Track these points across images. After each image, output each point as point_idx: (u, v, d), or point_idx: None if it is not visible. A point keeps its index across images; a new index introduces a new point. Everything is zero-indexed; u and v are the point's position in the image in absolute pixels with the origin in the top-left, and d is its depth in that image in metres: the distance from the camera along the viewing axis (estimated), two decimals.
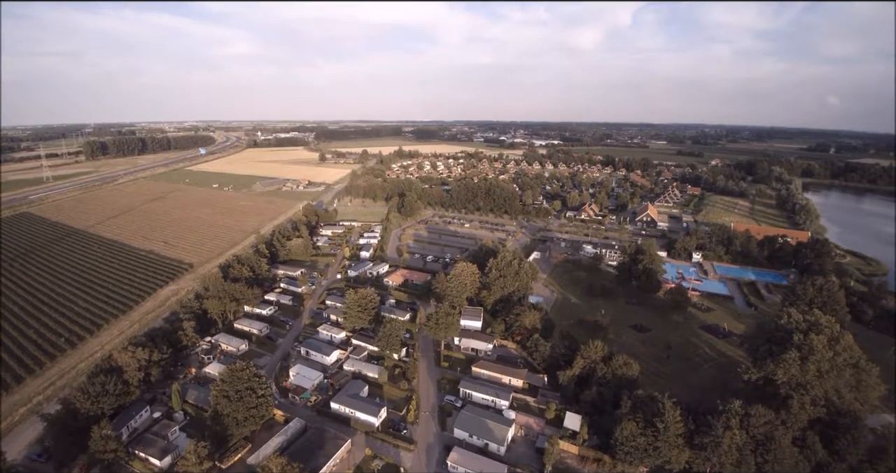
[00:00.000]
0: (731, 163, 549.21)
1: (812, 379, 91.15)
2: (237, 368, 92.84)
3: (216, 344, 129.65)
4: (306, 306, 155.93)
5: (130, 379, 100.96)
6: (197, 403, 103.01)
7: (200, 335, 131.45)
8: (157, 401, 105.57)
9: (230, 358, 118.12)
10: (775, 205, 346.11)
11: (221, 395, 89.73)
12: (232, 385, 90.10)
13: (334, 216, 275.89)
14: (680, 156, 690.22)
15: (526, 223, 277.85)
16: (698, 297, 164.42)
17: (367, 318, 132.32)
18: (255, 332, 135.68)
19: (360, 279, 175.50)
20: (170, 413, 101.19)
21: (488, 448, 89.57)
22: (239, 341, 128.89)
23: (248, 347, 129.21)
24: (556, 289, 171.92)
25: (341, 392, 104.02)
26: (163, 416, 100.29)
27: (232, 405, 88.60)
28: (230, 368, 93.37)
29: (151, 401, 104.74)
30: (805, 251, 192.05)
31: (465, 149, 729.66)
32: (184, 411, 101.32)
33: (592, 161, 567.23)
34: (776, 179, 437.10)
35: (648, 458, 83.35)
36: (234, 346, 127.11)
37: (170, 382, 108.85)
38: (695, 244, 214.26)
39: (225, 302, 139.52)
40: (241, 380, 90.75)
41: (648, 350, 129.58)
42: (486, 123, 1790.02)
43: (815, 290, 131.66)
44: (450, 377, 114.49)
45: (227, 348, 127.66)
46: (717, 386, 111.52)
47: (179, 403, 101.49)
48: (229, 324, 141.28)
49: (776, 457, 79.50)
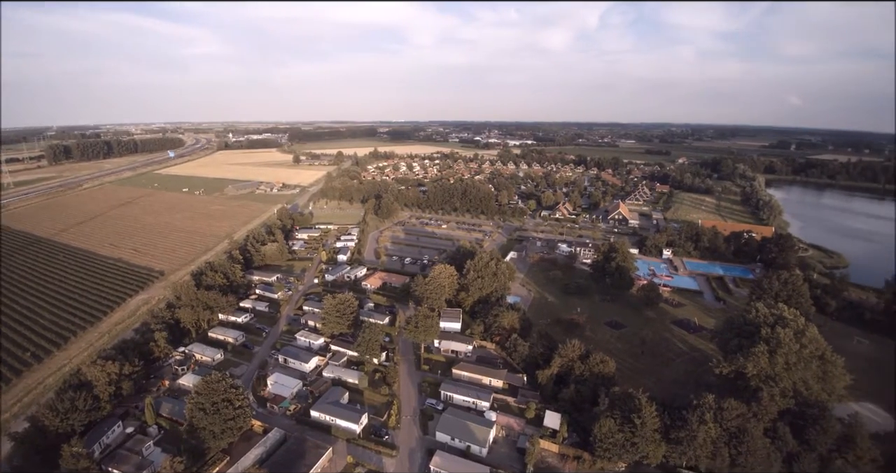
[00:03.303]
0: (698, 162, 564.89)
1: (780, 372, 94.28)
2: (213, 379, 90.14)
3: (190, 354, 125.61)
4: (283, 312, 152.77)
5: (101, 394, 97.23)
6: (171, 416, 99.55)
7: (173, 345, 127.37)
8: (130, 416, 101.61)
9: (205, 369, 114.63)
10: (740, 202, 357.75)
11: (197, 408, 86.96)
12: (207, 396, 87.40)
13: (310, 219, 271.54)
14: (648, 155, 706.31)
15: (502, 223, 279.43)
16: (669, 293, 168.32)
17: (345, 323, 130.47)
18: (231, 341, 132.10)
19: (337, 283, 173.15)
20: (143, 427, 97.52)
21: (470, 451, 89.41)
22: (214, 351, 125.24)
23: (224, 357, 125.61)
24: (533, 289, 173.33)
25: (321, 399, 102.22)
26: (136, 431, 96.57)
27: (208, 417, 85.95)
28: (205, 379, 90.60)
29: (124, 416, 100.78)
30: (769, 246, 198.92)
31: (440, 149, 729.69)
32: (158, 425, 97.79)
33: (565, 160, 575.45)
34: (740, 176, 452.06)
35: (627, 454, 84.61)
36: (209, 356, 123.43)
37: (142, 396, 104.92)
38: (665, 241, 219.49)
39: (198, 311, 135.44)
40: (217, 392, 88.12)
41: (623, 346, 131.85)
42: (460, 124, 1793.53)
43: (780, 284, 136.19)
44: (430, 380, 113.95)
45: (202, 358, 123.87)
46: (690, 380, 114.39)
47: (153, 417, 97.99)
48: (203, 334, 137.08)
49: (749, 449, 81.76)
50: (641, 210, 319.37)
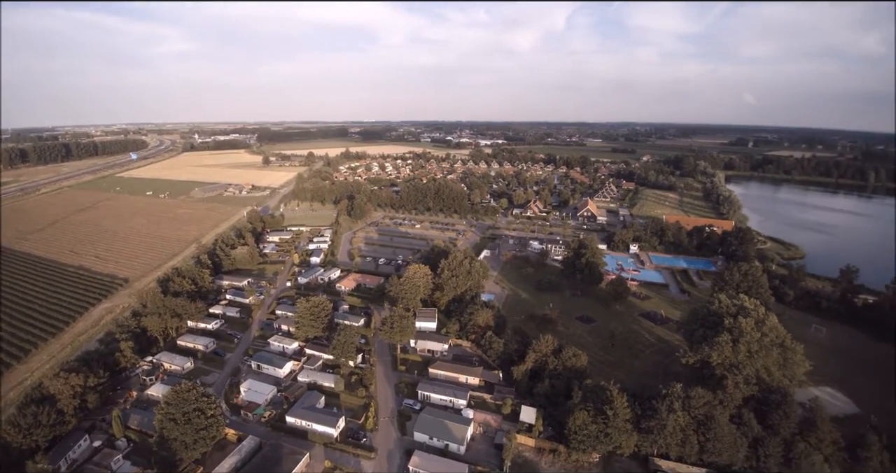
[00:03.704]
0: (661, 159, 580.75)
1: (743, 360, 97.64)
2: (183, 388, 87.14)
3: (158, 363, 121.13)
4: (255, 317, 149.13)
5: (65, 408, 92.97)
6: (141, 428, 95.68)
7: (140, 355, 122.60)
8: (97, 429, 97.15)
9: (175, 379, 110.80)
10: (701, 197, 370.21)
11: (167, 418, 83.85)
12: (178, 406, 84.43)
13: (281, 221, 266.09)
14: (615, 154, 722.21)
15: (475, 222, 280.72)
16: (637, 286, 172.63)
17: (320, 326, 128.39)
18: (201, 349, 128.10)
19: (311, 286, 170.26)
20: (111, 441, 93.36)
21: (448, 449, 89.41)
22: (183, 359, 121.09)
23: (194, 365, 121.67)
24: (506, 286, 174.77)
25: (297, 404, 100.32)
26: (104, 445, 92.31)
27: (179, 428, 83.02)
28: (175, 389, 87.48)
29: (90, 430, 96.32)
30: (730, 239, 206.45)
31: (412, 149, 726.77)
32: (127, 438, 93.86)
33: (535, 159, 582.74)
34: (701, 173, 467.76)
35: (600, 445, 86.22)
36: (179, 365, 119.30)
37: (109, 408, 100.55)
38: (631, 236, 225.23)
39: (165, 319, 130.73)
40: (188, 401, 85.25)
41: (595, 339, 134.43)
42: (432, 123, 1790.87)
43: (740, 275, 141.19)
44: (407, 380, 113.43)
45: (171, 367, 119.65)
46: (659, 370, 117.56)
47: (121, 430, 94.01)
48: (172, 342, 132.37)
49: (716, 435, 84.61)
50: (609, 207, 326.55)
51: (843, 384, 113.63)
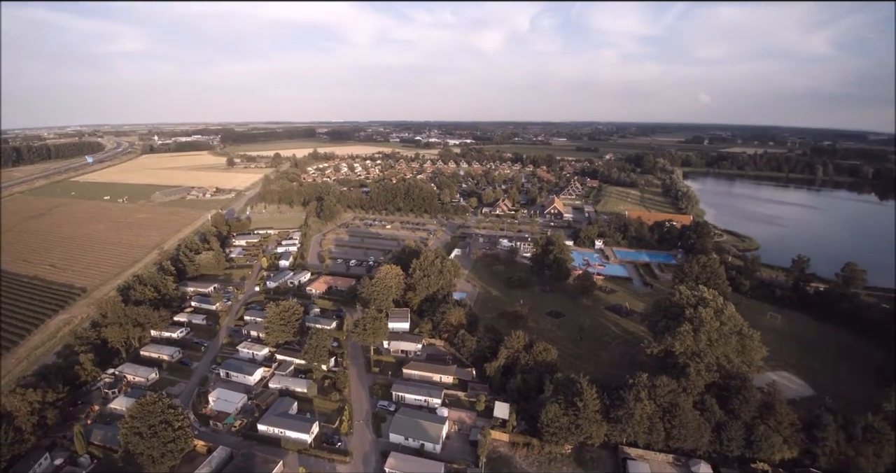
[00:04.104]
0: (623, 157, 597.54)
1: (704, 348, 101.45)
2: (148, 401, 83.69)
3: (121, 376, 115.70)
4: (223, 324, 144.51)
5: (23, 425, 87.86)
6: (104, 444, 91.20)
7: (101, 367, 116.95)
8: (58, 446, 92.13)
9: (139, 391, 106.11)
10: (661, 193, 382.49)
11: (132, 432, 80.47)
12: (143, 419, 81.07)
13: (248, 225, 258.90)
14: (579, 152, 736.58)
15: (445, 221, 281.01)
16: (602, 281, 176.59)
17: (291, 331, 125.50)
18: (166, 358, 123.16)
19: (280, 290, 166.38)
20: (73, 458, 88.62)
21: (424, 449, 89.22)
22: (147, 370, 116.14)
23: (159, 376, 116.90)
24: (477, 284, 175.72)
25: (269, 411, 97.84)
26: (66, 462, 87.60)
27: (145, 442, 79.73)
28: (140, 401, 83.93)
29: (51, 447, 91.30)
30: (689, 233, 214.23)
31: (381, 149, 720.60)
32: (90, 454, 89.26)
33: (503, 159, 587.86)
34: (660, 170, 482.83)
35: (572, 436, 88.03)
36: (143, 376, 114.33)
37: (70, 424, 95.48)
38: (596, 232, 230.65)
39: (127, 329, 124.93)
40: (154, 414, 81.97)
41: (564, 333, 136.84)
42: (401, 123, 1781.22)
43: (699, 267, 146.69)
44: (381, 382, 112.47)
45: (135, 379, 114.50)
46: (625, 361, 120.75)
47: (84, 446, 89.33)
48: (135, 353, 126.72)
49: (681, 422, 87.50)
50: (574, 204, 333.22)
51: (797, 368, 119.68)
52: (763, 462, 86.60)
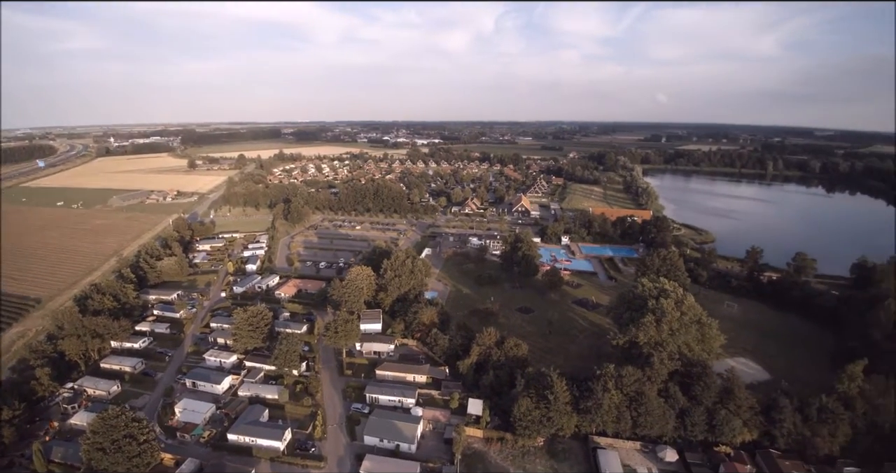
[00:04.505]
0: (586, 155, 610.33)
1: (667, 338, 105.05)
2: (110, 414, 79.84)
3: (81, 389, 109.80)
4: (187, 332, 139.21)
5: None
6: (66, 461, 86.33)
7: (59, 382, 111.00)
8: (16, 466, 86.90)
9: (100, 405, 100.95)
10: (623, 190, 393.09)
11: (94, 448, 76.69)
12: (106, 434, 77.27)
13: (212, 229, 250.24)
14: (544, 151, 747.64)
15: (415, 221, 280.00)
16: (569, 276, 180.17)
17: (259, 337, 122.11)
18: (128, 370, 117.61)
19: (248, 295, 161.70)
20: None
21: (399, 449, 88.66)
22: (108, 383, 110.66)
23: (121, 388, 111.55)
24: (448, 283, 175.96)
25: (239, 420, 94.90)
26: None
27: (109, 457, 76.07)
28: (101, 416, 79.98)
29: (9, 467, 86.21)
30: (649, 227, 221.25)
31: (349, 150, 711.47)
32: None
33: (471, 158, 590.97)
34: (622, 167, 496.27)
35: (544, 429, 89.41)
36: (104, 390, 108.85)
37: (29, 442, 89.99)
38: (562, 229, 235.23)
39: (86, 341, 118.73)
40: (117, 428, 78.23)
41: (533, 328, 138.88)
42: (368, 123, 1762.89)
43: (660, 260, 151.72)
44: (355, 384, 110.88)
45: (95, 393, 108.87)
46: (593, 353, 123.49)
47: (44, 464, 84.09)
48: (95, 365, 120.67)
49: (647, 410, 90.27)
50: (541, 201, 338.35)
51: (754, 354, 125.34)
52: (725, 445, 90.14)
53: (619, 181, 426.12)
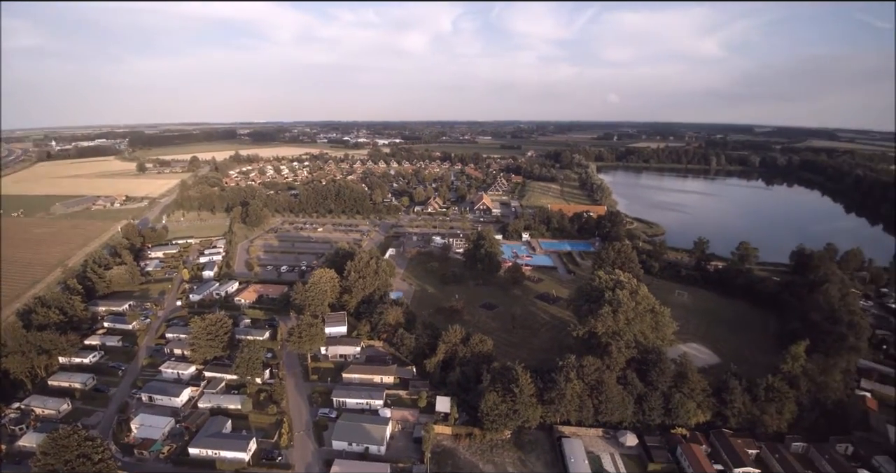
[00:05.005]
0: (543, 154, 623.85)
1: (623, 327, 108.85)
2: (61, 434, 74.52)
3: (28, 409, 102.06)
4: (141, 344, 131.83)
5: None
6: None
7: (5, 402, 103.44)
8: None
9: (50, 424, 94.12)
10: (578, 186, 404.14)
11: (46, 471, 71.77)
12: (58, 455, 72.13)
13: (165, 235, 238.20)
14: (503, 150, 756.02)
15: (378, 221, 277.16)
16: (530, 271, 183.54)
17: (219, 345, 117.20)
18: (79, 387, 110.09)
19: (205, 303, 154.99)
20: None
21: (369, 452, 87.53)
22: (58, 401, 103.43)
23: (72, 406, 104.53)
24: (413, 282, 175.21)
25: (200, 433, 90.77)
26: None
27: None
28: (52, 436, 74.57)
29: None
30: (604, 222, 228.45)
31: (309, 150, 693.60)
32: None
33: (432, 157, 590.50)
34: (577, 165, 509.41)
35: (511, 422, 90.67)
36: (53, 408, 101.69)
37: None
38: (523, 225, 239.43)
39: (31, 357, 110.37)
40: (69, 448, 73.14)
41: (498, 324, 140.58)
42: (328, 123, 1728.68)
43: (615, 253, 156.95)
44: (321, 389, 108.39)
45: (44, 412, 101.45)
46: (555, 345, 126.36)
47: None
48: (42, 383, 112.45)
49: (607, 397, 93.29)
50: (501, 199, 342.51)
51: (704, 339, 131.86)
52: (681, 427, 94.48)
53: (575, 178, 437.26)
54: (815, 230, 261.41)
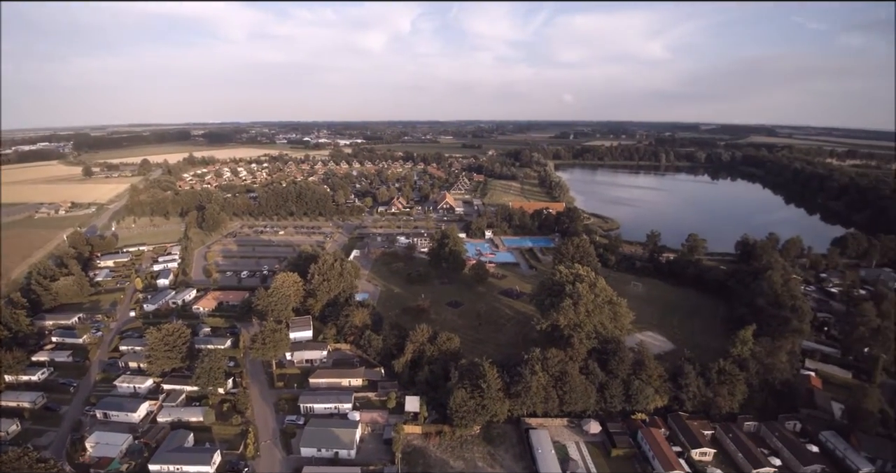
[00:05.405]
0: (503, 153, 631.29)
1: (584, 319, 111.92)
2: (10, 457, 70.23)
3: None
4: (94, 359, 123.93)
5: None
6: None
7: None
8: None
9: None
10: (538, 184, 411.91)
11: None
12: None
13: (115, 242, 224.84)
14: (465, 149, 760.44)
15: (342, 223, 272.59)
16: (494, 268, 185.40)
17: (178, 356, 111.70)
18: (27, 406, 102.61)
19: (161, 312, 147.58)
20: None
21: (339, 457, 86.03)
22: (6, 422, 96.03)
23: (21, 427, 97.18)
24: (379, 283, 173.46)
25: (161, 448, 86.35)
26: None
27: None
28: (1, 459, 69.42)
29: None
30: (563, 218, 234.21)
31: (267, 152, 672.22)
32: None
33: (394, 157, 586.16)
34: (536, 163, 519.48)
35: (479, 417, 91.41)
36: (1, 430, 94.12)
37: None
38: (485, 223, 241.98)
39: None
40: (20, 471, 68.78)
41: (464, 321, 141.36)
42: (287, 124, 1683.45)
43: (573, 248, 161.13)
44: (287, 396, 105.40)
45: None
46: (520, 340, 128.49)
47: None
48: None
49: (571, 387, 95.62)
50: (464, 198, 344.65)
51: (659, 327, 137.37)
52: (641, 412, 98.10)
53: (534, 176, 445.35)
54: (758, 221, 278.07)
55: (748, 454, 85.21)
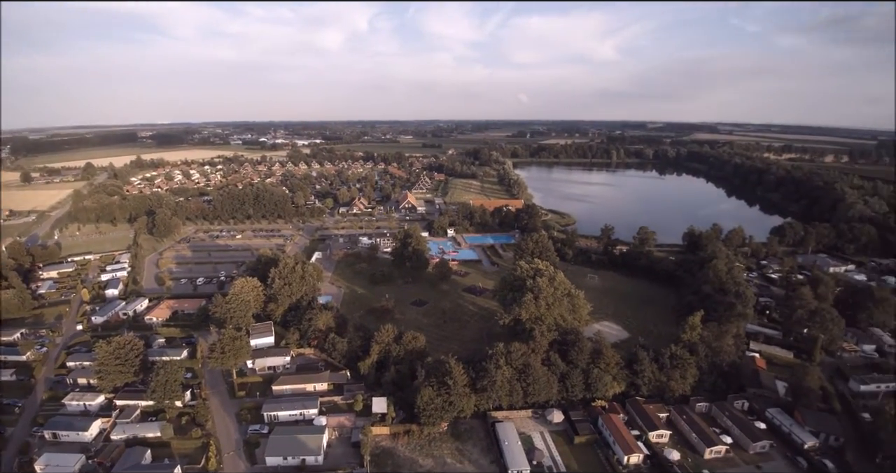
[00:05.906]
0: (463, 152, 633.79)
1: (544, 312, 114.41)
2: None
3: None
4: (39, 376, 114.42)
5: None
6: None
7: None
8: None
9: None
10: (497, 182, 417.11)
11: None
12: None
13: (58, 252, 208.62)
14: (425, 148, 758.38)
15: (302, 225, 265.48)
16: (457, 266, 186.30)
17: (130, 370, 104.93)
18: None
19: (111, 324, 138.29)
20: None
21: (306, 464, 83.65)
22: None
23: None
24: (342, 285, 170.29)
25: (116, 467, 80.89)
26: None
27: None
28: None
29: None
30: (522, 215, 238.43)
31: (222, 153, 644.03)
32: None
33: (355, 158, 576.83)
34: (495, 161, 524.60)
35: (447, 414, 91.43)
36: None
37: None
38: (447, 222, 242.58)
39: None
40: None
41: (429, 320, 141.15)
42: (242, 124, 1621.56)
43: (533, 244, 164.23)
44: (250, 405, 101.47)
45: None
46: (484, 335, 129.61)
47: None
48: None
49: (534, 379, 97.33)
50: (426, 197, 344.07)
51: (615, 317, 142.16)
52: (600, 399, 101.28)
53: (493, 174, 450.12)
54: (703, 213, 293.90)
55: (701, 433, 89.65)
